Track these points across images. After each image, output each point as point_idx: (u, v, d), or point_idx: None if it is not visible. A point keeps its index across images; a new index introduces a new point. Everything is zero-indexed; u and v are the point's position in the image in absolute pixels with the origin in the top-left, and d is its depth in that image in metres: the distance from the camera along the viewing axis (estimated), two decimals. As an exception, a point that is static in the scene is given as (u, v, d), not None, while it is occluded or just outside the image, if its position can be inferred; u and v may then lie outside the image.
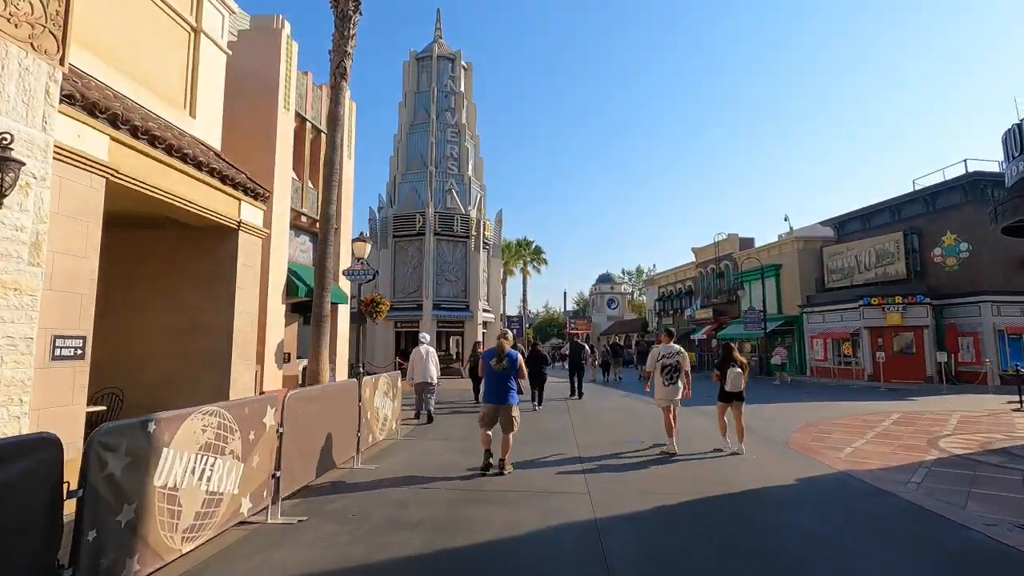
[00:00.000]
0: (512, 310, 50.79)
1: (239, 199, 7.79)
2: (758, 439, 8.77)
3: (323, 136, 13.09)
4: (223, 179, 7.34)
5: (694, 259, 38.56)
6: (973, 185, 21.19)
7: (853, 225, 26.59)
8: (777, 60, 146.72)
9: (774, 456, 7.40)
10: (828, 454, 7.47)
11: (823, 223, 28.32)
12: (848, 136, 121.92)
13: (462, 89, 28.28)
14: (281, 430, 4.90)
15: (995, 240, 20.67)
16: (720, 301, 34.40)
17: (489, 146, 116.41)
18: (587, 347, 18.68)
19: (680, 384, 7.63)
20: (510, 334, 7.06)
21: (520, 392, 13.91)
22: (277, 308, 11.53)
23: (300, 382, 12.19)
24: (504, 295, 45.88)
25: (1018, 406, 11.94)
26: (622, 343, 41.21)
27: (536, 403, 12.86)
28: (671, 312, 42.25)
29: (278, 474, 4.84)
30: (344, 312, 14.09)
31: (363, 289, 15.41)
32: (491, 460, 6.44)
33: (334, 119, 9.88)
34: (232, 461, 4.17)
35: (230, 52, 9.08)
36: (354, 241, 11.89)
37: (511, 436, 6.47)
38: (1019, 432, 9.19)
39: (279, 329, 11.65)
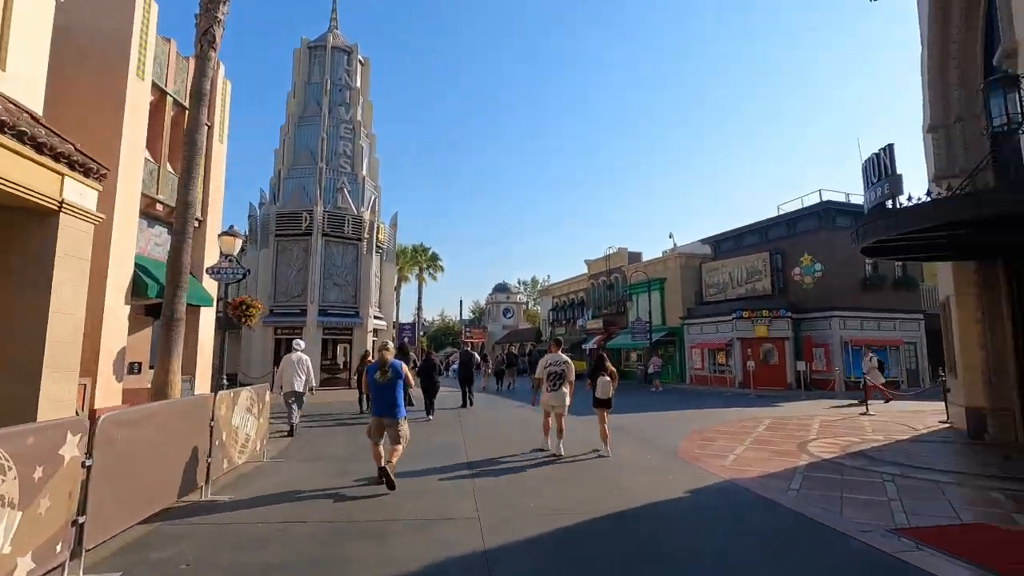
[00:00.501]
0: (406, 317, 49.29)
1: (62, 174, 6.34)
2: (650, 449, 8.80)
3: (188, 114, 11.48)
4: (38, 147, 5.90)
5: (587, 271, 39.84)
6: (826, 212, 23.84)
7: (728, 244, 28.85)
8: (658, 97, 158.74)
9: (665, 466, 7.38)
10: (714, 462, 7.58)
11: (703, 241, 30.47)
12: (726, 161, 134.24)
13: (358, 84, 26.89)
14: (89, 463, 3.83)
15: (843, 262, 23.35)
16: (610, 312, 35.75)
17: (390, 149, 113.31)
18: (478, 356, 18.53)
19: (565, 391, 7.96)
20: (391, 345, 6.93)
21: (410, 404, 13.22)
22: (119, 310, 9.77)
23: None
24: (398, 302, 44.34)
25: (864, 410, 13.32)
26: (516, 352, 41.58)
27: (428, 413, 12.66)
28: (564, 322, 43.28)
29: (82, 520, 3.76)
30: (208, 316, 12.39)
31: (233, 291, 13.78)
32: (384, 473, 5.98)
33: (199, 92, 8.55)
34: (1, 510, 3.09)
35: (62, -2, 7.50)
36: (221, 235, 10.40)
37: (400, 447, 6.37)
38: (868, 435, 10.08)
39: (121, 335, 9.88)
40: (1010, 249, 8.64)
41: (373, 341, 25.76)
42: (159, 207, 11.44)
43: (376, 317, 25.97)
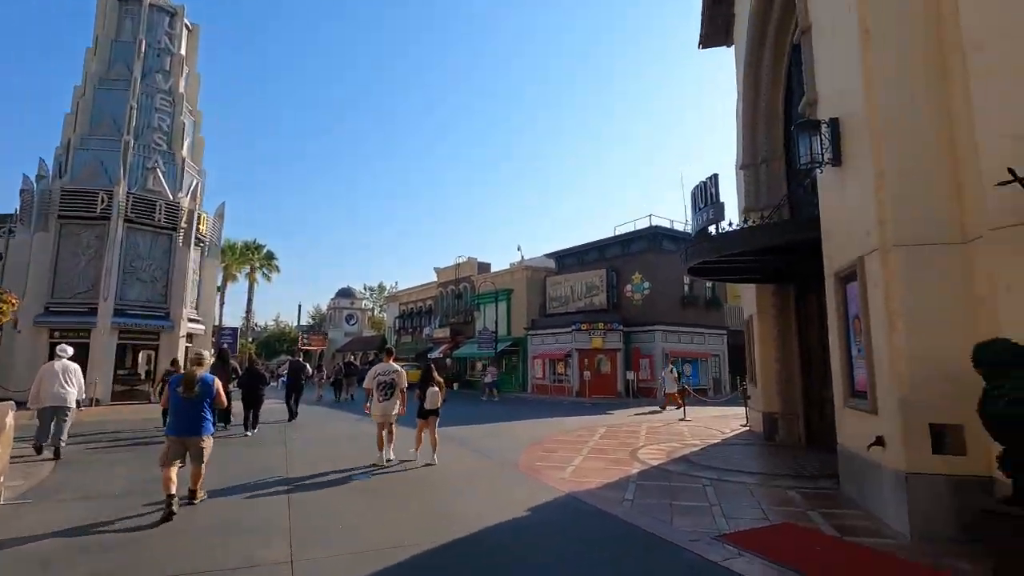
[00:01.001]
0: (234, 322, 44.16)
1: None
2: (491, 463, 8.55)
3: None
4: None
5: (436, 279, 39.38)
6: (654, 236, 26.40)
7: (570, 260, 30.52)
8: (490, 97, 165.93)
9: (506, 482, 7.15)
10: (553, 475, 7.54)
11: (548, 255, 31.87)
12: (579, 180, 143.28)
13: (182, 51, 23.46)
14: None
15: (667, 281, 26.01)
16: (457, 321, 35.66)
17: (223, 135, 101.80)
18: (308, 366, 17.11)
19: (396, 400, 8.14)
20: (207, 356, 6.35)
21: (227, 420, 11.95)
22: None
23: None
24: (222, 304, 39.60)
25: (682, 416, 14.70)
26: (357, 362, 39.51)
27: (250, 428, 11.53)
28: (411, 330, 42.24)
29: None
30: None
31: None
32: (173, 507, 5.26)
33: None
34: None
35: None
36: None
37: (203, 466, 5.79)
38: (688, 440, 11.02)
39: None
40: (798, 275, 10.05)
41: (187, 348, 22.41)
42: None
43: (192, 320, 22.62)
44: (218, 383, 5.94)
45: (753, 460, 8.85)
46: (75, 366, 8.87)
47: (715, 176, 9.20)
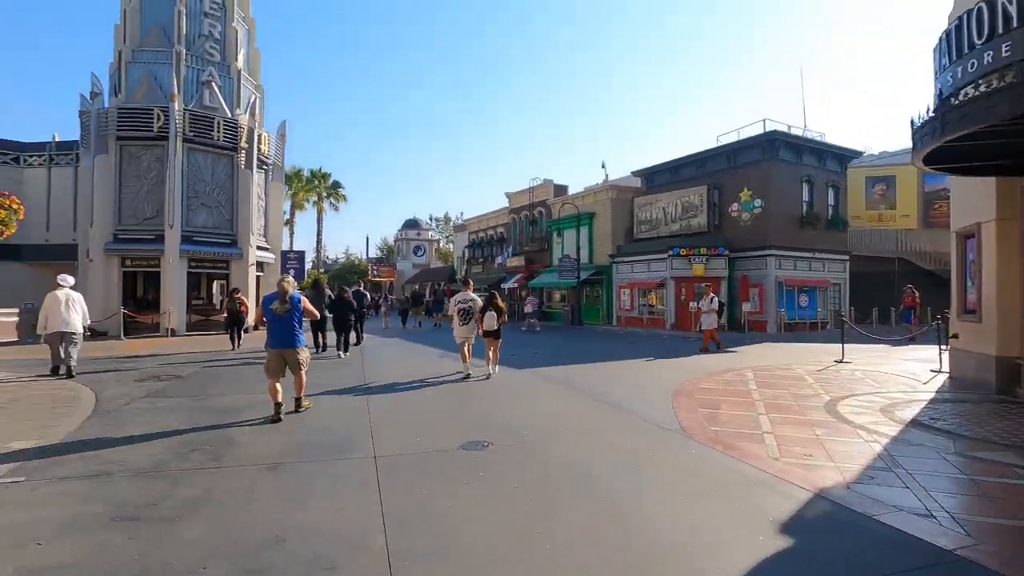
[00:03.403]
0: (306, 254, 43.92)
1: None
2: (640, 423, 6.19)
3: None
4: None
5: (508, 205, 36.73)
6: (770, 143, 22.20)
7: (662, 177, 26.88)
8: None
9: (691, 464, 4.75)
10: (753, 450, 5.10)
11: (635, 173, 28.32)
12: (655, 85, 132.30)
13: (227, -53, 20.87)
14: None
15: (782, 198, 22.14)
16: (532, 249, 33.22)
17: (282, 58, 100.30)
18: (368, 295, 18.16)
19: (473, 323, 9.50)
20: (290, 278, 6.92)
21: (323, 347, 13.47)
22: None
23: None
24: (292, 234, 39.01)
25: (839, 357, 11.76)
26: (425, 292, 38.60)
27: (342, 350, 12.65)
28: (481, 259, 40.35)
29: None
30: None
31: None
32: (280, 413, 6.10)
33: None
34: None
35: None
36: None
37: (303, 375, 6.47)
38: (882, 389, 8.23)
39: None
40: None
41: (259, 277, 21.39)
42: None
43: (261, 248, 21.42)
44: (304, 299, 6.50)
45: (1017, 427, 6.02)
46: (77, 295, 9.54)
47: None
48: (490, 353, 9.61)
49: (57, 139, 23.12)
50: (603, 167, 32.19)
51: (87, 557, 2.97)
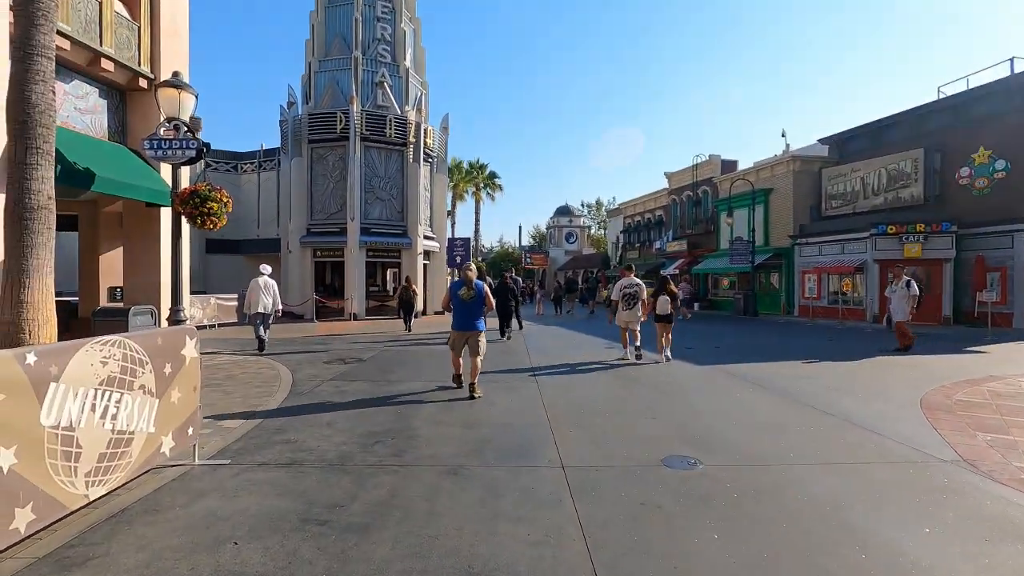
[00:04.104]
0: (463, 242, 46.01)
1: None
2: (900, 448, 4.67)
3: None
4: None
5: (667, 185, 34.42)
6: (1021, 87, 17.43)
7: (859, 143, 22.80)
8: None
9: (1007, 523, 3.34)
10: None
11: (822, 141, 24.47)
12: (850, 46, 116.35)
13: (395, -47, 21.96)
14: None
15: (1039, 157, 17.33)
16: (696, 232, 30.70)
17: (437, 50, 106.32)
18: (520, 280, 19.04)
19: (638, 309, 9.64)
20: (474, 266, 7.29)
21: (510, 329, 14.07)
22: None
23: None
24: (453, 224, 40.98)
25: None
26: (578, 279, 38.07)
27: (506, 334, 13.45)
28: (638, 245, 38.58)
29: None
30: (168, 218, 9.06)
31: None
32: (461, 382, 7.15)
33: None
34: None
35: None
36: (160, 86, 6.62)
37: (479, 360, 6.91)
38: None
39: None
40: None
41: (425, 265, 22.49)
42: (70, 47, 7.75)
43: (427, 237, 22.50)
44: (487, 289, 7.01)
45: None
46: (272, 281, 11.18)
47: None
48: (663, 339, 9.74)
49: (264, 147, 26.65)
50: (783, 136, 28.50)
51: (276, 569, 2.72)
